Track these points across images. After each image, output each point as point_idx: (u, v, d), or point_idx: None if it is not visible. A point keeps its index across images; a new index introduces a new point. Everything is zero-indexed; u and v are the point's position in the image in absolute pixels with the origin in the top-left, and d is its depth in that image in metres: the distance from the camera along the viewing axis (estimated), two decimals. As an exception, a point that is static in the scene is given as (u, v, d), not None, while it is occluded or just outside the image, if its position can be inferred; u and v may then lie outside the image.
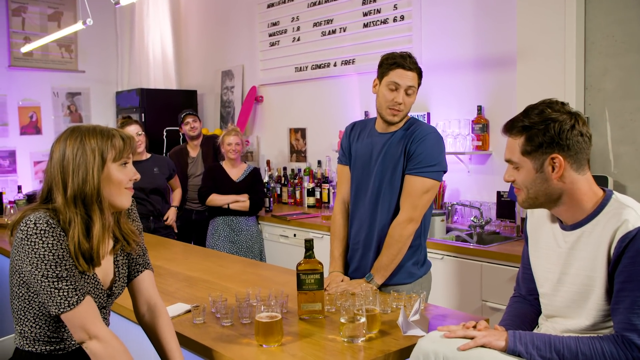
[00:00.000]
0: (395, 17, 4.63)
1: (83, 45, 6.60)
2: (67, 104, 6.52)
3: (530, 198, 1.71)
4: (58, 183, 1.67)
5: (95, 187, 1.67)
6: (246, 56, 6.13)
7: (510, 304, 1.96)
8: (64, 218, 1.65)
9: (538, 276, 1.82)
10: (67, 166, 1.66)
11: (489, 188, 4.10)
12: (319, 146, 5.39)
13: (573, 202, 1.68)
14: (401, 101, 2.45)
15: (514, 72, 3.79)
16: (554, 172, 1.66)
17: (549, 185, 1.67)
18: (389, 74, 2.48)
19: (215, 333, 2.07)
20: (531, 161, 1.68)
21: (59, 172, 1.67)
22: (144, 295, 1.94)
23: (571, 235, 1.70)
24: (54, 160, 1.69)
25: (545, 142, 1.64)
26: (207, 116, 6.64)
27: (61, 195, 1.66)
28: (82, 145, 1.68)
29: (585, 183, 1.68)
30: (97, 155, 1.68)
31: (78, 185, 1.66)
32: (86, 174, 1.66)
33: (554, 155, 1.64)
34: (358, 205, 2.61)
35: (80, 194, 1.66)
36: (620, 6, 3.35)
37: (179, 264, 3.11)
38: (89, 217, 1.68)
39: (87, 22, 3.97)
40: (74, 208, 1.65)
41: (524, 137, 1.68)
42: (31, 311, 1.70)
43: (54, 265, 1.60)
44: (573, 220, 1.71)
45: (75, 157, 1.66)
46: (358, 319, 1.93)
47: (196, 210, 5.08)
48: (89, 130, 1.70)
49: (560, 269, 1.72)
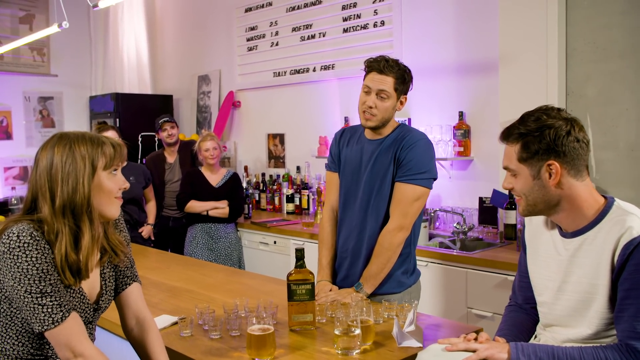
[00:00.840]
0: (375, 23, 4.61)
1: (56, 49, 6.44)
2: (39, 108, 6.36)
3: (530, 205, 1.69)
4: (45, 192, 1.59)
5: (85, 196, 1.59)
6: (223, 61, 6.05)
7: (507, 314, 1.94)
8: (50, 229, 1.57)
9: (537, 284, 1.79)
10: (55, 174, 1.58)
11: (471, 194, 4.09)
12: (298, 152, 5.34)
13: (573, 209, 1.66)
14: (372, 105, 2.40)
15: (495, 77, 3.80)
16: (550, 179, 1.64)
17: (547, 192, 1.65)
18: (365, 78, 2.46)
19: (204, 346, 2.00)
20: (528, 168, 1.66)
21: (46, 181, 1.59)
22: (132, 309, 1.86)
23: (572, 243, 1.68)
24: (40, 168, 1.61)
25: (541, 149, 1.63)
26: (184, 121, 6.54)
27: (48, 205, 1.58)
28: (71, 152, 1.60)
29: (585, 189, 1.66)
30: (87, 163, 1.60)
31: (68, 194, 1.58)
32: (76, 183, 1.59)
33: (550, 162, 1.63)
34: (347, 212, 2.56)
35: (69, 204, 1.58)
36: (602, 13, 3.37)
37: (160, 274, 3.03)
38: (77, 228, 1.60)
39: (63, 25, 3.87)
40: (62, 219, 1.58)
41: (520, 145, 1.66)
42: (13, 328, 1.62)
43: (37, 280, 1.52)
44: (574, 228, 1.68)
45: (64, 165, 1.59)
46: (353, 330, 1.89)
47: (173, 217, 4.98)
48: (78, 137, 1.63)
49: (561, 277, 1.69)
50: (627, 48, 3.30)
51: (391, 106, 2.43)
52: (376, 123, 2.44)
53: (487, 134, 3.98)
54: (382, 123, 2.45)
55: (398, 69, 2.43)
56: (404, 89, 2.46)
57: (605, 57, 3.38)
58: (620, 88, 3.34)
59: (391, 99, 2.42)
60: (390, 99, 2.41)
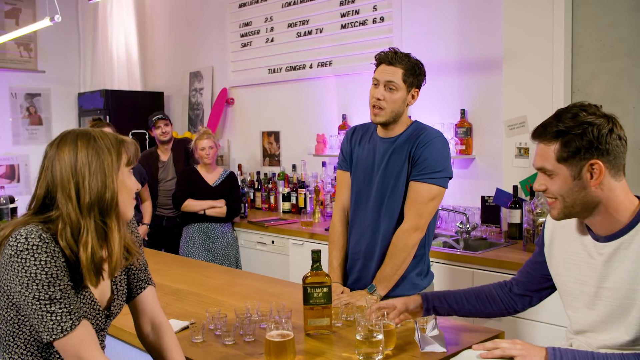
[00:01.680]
0: (374, 19, 4.54)
1: (43, 44, 6.30)
2: (26, 105, 6.21)
3: (567, 207, 1.61)
4: (68, 189, 1.48)
5: (115, 193, 1.51)
6: (216, 57, 5.95)
7: (485, 285, 2.03)
8: (73, 227, 1.47)
9: (570, 289, 1.73)
10: (82, 170, 1.49)
11: (473, 193, 4.04)
12: (293, 150, 5.26)
13: (609, 212, 1.59)
14: (380, 96, 2.33)
15: (498, 75, 3.75)
16: (592, 179, 1.56)
17: (587, 193, 1.57)
18: (375, 72, 2.40)
19: (219, 353, 1.92)
20: (568, 168, 1.57)
21: (71, 177, 1.49)
22: (148, 313, 1.78)
23: (607, 247, 1.61)
24: (61, 164, 1.50)
25: (583, 147, 1.54)
26: (175, 119, 6.42)
27: (73, 202, 1.48)
28: (98, 147, 1.51)
29: (622, 190, 1.60)
30: (114, 159, 1.52)
31: (97, 190, 1.49)
32: (105, 178, 1.50)
33: (594, 161, 1.54)
34: (359, 212, 2.49)
35: (98, 201, 1.49)
36: (609, 10, 3.33)
37: (162, 275, 2.93)
38: (105, 226, 1.51)
39: (55, 18, 3.74)
40: (87, 217, 1.48)
41: (559, 143, 1.57)
42: (21, 336, 1.52)
43: (46, 285, 1.43)
44: (608, 231, 1.61)
45: (91, 160, 1.50)
46: (375, 335, 1.82)
47: (167, 217, 4.89)
48: (100, 134, 1.54)
49: (597, 282, 1.63)
50: (634, 46, 3.27)
51: (401, 98, 2.36)
52: (385, 118, 2.37)
53: (489, 132, 3.93)
54: (393, 118, 2.38)
55: (408, 60, 2.37)
56: (414, 82, 2.38)
57: (612, 55, 3.35)
58: (627, 86, 3.30)
59: (400, 91, 2.34)
60: (399, 91, 2.34)
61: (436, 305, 2.02)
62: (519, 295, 1.95)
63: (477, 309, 2.00)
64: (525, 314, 3.04)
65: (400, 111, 2.37)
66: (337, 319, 2.15)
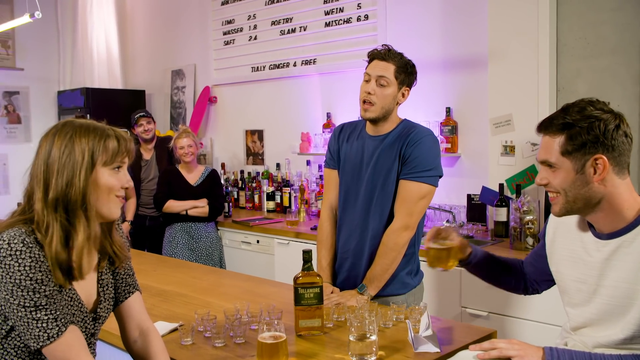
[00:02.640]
0: (359, 17, 4.52)
1: (21, 41, 6.18)
2: (4, 103, 6.09)
3: (569, 202, 1.59)
4: (40, 183, 1.46)
5: (80, 191, 1.46)
6: (198, 55, 5.89)
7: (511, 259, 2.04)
8: (41, 225, 1.44)
9: (567, 287, 1.72)
10: (52, 165, 1.46)
11: (458, 191, 4.04)
12: (277, 148, 5.23)
13: (612, 209, 1.58)
14: (371, 91, 2.32)
15: (483, 73, 3.75)
16: (595, 175, 1.54)
17: (589, 189, 1.56)
18: (367, 68, 2.39)
19: (209, 355, 1.89)
20: (571, 162, 1.56)
21: (42, 171, 1.46)
22: (136, 320, 1.74)
23: (608, 245, 1.60)
24: (38, 157, 1.48)
25: (589, 142, 1.52)
26: (157, 117, 6.31)
27: (41, 197, 1.45)
28: (71, 143, 1.47)
29: (626, 188, 1.58)
30: (87, 156, 1.47)
31: (61, 187, 1.45)
32: (72, 176, 1.46)
33: (598, 156, 1.53)
34: (347, 211, 2.47)
35: (63, 198, 1.45)
36: (592, 9, 3.35)
37: (148, 276, 2.89)
38: (70, 225, 1.47)
39: (35, 14, 3.67)
40: (53, 213, 1.45)
41: (564, 136, 1.55)
42: (11, 343, 1.48)
43: (31, 292, 1.39)
44: (611, 229, 1.60)
45: (62, 156, 1.46)
46: (368, 336, 1.80)
47: (150, 216, 4.83)
48: (81, 128, 1.50)
49: (595, 280, 1.62)
50: (618, 44, 3.29)
51: (391, 95, 2.34)
52: (375, 114, 2.35)
53: (475, 130, 3.93)
54: (382, 114, 2.36)
55: (400, 58, 2.37)
56: (406, 80, 2.38)
57: (596, 53, 3.37)
58: (611, 84, 3.32)
59: (391, 87, 2.33)
60: (390, 87, 2.33)
61: (479, 258, 2.00)
62: (529, 279, 1.99)
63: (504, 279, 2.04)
64: (517, 313, 3.05)
65: (390, 108, 2.36)
66: (328, 320, 2.13)
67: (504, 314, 3.10)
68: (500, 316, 3.11)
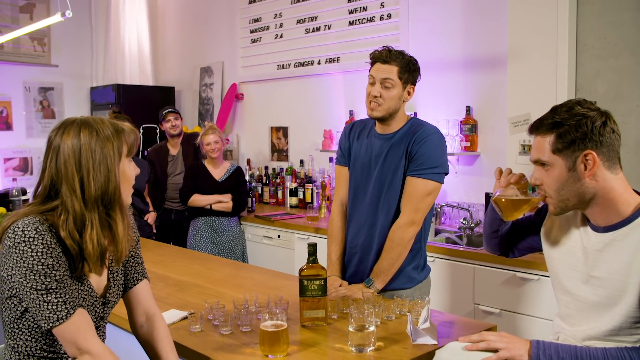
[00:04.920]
0: (382, 16, 4.57)
1: (56, 39, 6.38)
2: (40, 99, 6.30)
3: (562, 201, 1.64)
4: (72, 182, 1.54)
5: (118, 185, 1.58)
6: (226, 52, 6.01)
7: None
8: (75, 218, 1.53)
9: (560, 271, 1.75)
10: (86, 163, 1.54)
11: (477, 189, 4.06)
12: (301, 145, 5.31)
13: (607, 203, 1.61)
14: (376, 94, 2.38)
15: (503, 72, 3.77)
16: (586, 170, 1.59)
17: (582, 185, 1.60)
18: (370, 70, 2.45)
19: (215, 342, 1.97)
20: (563, 159, 1.60)
21: (76, 170, 1.54)
22: (143, 305, 1.84)
23: (603, 237, 1.64)
24: (64, 155, 1.55)
25: (577, 138, 1.57)
26: (186, 113, 6.48)
27: (78, 195, 1.54)
28: (99, 140, 1.56)
29: (620, 184, 1.62)
30: (115, 150, 1.58)
31: (101, 184, 1.55)
32: (108, 172, 1.56)
33: (587, 152, 1.57)
34: (356, 207, 2.53)
35: (102, 195, 1.55)
36: (613, 8, 3.34)
37: (166, 267, 2.99)
38: (109, 217, 1.58)
39: (66, 14, 3.81)
40: (95, 209, 1.55)
41: (554, 135, 1.61)
42: (25, 323, 1.58)
43: (42, 276, 1.49)
44: (606, 223, 1.63)
45: (94, 153, 1.55)
46: (367, 327, 1.86)
47: (176, 210, 4.95)
48: (102, 124, 1.59)
49: (587, 270, 1.66)
50: (637, 44, 3.27)
51: (397, 95, 2.40)
52: (382, 113, 2.41)
53: (494, 129, 3.95)
54: (389, 113, 2.42)
55: (402, 57, 2.41)
56: (409, 79, 2.42)
57: (616, 53, 3.35)
58: (631, 84, 3.31)
59: (396, 88, 2.39)
60: (395, 88, 2.38)
61: None
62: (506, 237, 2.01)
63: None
64: (529, 311, 3.07)
65: (396, 107, 2.42)
66: (333, 311, 2.19)
67: (516, 311, 3.13)
68: (513, 314, 3.14)
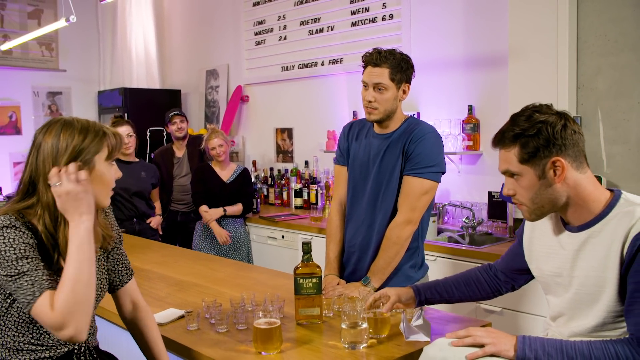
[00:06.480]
0: (384, 16, 4.58)
1: (64, 44, 6.46)
2: (48, 103, 6.38)
3: (537, 209, 1.66)
4: (47, 179, 1.58)
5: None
6: (231, 55, 6.04)
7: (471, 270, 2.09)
8: (50, 213, 1.58)
9: (547, 281, 1.77)
10: (60, 161, 1.57)
11: (480, 188, 4.06)
12: (306, 146, 5.33)
13: (579, 203, 1.63)
14: (371, 99, 2.39)
15: (505, 71, 3.77)
16: (556, 176, 1.60)
17: (554, 190, 1.62)
18: (363, 74, 2.46)
19: (211, 340, 1.99)
20: (531, 168, 1.61)
21: (51, 167, 1.57)
22: (129, 293, 1.91)
23: (578, 237, 1.65)
24: (44, 153, 1.59)
25: (541, 146, 1.58)
26: (192, 116, 6.53)
27: (50, 192, 1.57)
28: (78, 139, 1.59)
29: (588, 182, 1.63)
30: (92, 151, 1.60)
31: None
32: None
33: (555, 159, 1.58)
34: (355, 207, 2.55)
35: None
36: (613, 5, 3.33)
37: (168, 268, 3.02)
38: None
39: (70, 19, 3.86)
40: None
41: (517, 146, 1.61)
42: (11, 319, 1.60)
43: (14, 260, 1.50)
44: (580, 222, 1.65)
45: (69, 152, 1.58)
46: (360, 324, 1.87)
47: (181, 212, 4.99)
48: (83, 127, 1.62)
49: (569, 272, 1.67)
50: (638, 41, 3.26)
51: (391, 97, 2.40)
52: (380, 116, 2.42)
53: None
54: (387, 115, 2.43)
55: (393, 58, 2.39)
56: (403, 78, 2.41)
57: (616, 50, 3.34)
58: (632, 81, 3.30)
59: (390, 90, 2.39)
60: (388, 90, 2.39)
61: (428, 297, 2.08)
62: (503, 281, 2.03)
63: (466, 295, 2.07)
64: (530, 309, 3.07)
65: (393, 108, 2.43)
66: (329, 309, 2.21)
67: (518, 310, 3.13)
68: (514, 312, 3.14)
